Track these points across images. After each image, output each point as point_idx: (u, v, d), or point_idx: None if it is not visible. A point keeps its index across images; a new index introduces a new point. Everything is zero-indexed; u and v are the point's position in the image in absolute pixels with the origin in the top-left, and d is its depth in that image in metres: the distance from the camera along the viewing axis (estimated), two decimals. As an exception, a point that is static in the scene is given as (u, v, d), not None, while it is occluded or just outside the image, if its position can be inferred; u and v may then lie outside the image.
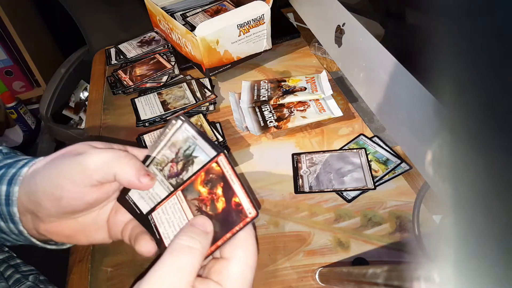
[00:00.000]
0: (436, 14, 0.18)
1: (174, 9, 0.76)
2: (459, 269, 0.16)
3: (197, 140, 0.28)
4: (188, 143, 0.29)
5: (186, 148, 0.29)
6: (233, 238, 0.27)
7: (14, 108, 1.39)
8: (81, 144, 0.30)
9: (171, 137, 0.29)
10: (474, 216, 0.15)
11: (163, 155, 0.30)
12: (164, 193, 0.30)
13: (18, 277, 0.45)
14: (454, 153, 0.16)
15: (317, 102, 0.59)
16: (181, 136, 0.29)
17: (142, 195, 0.30)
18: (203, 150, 0.28)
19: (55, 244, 0.34)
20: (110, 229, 0.33)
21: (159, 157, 0.30)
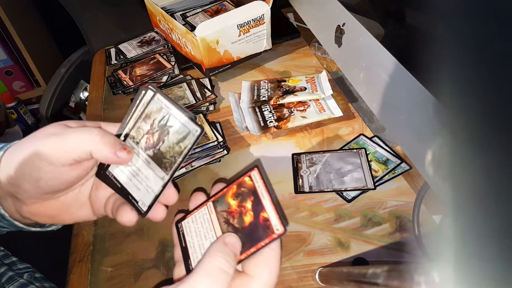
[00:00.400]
0: (436, 14, 0.18)
1: (174, 9, 0.76)
2: (459, 269, 0.16)
3: (171, 110, 0.28)
4: (162, 113, 0.29)
5: (161, 119, 0.29)
6: (259, 255, 0.26)
7: (14, 108, 1.39)
8: (54, 124, 0.30)
9: (145, 108, 0.29)
10: (474, 216, 0.15)
11: (138, 127, 0.30)
12: (142, 165, 0.30)
13: (11, 275, 0.45)
14: (454, 153, 0.16)
15: (317, 102, 0.59)
16: (155, 107, 0.29)
17: (121, 168, 0.31)
18: (177, 119, 0.28)
19: (40, 226, 0.34)
20: (93, 205, 0.33)
21: (135, 130, 0.30)
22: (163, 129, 0.29)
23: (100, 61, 0.78)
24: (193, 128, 0.27)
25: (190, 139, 0.28)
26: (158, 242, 0.46)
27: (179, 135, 0.28)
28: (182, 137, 0.28)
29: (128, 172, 0.30)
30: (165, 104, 0.29)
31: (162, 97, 0.29)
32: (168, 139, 0.28)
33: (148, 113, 0.29)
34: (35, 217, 0.31)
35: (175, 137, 0.28)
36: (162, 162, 0.29)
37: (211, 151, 0.53)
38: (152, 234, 0.47)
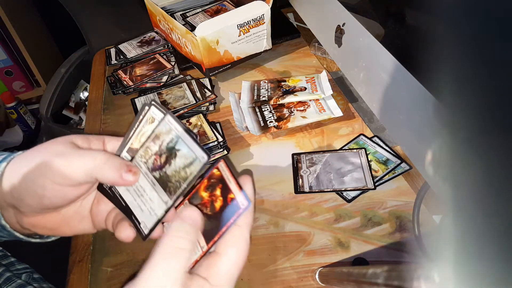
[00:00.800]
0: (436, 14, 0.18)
1: (174, 9, 0.76)
2: (459, 269, 0.16)
3: (180, 133, 0.28)
4: (171, 136, 0.29)
5: (169, 141, 0.29)
6: (227, 234, 0.27)
7: (14, 108, 1.39)
8: (60, 141, 0.30)
9: (155, 128, 0.29)
10: (474, 216, 0.15)
11: (147, 147, 0.30)
12: (147, 186, 0.30)
13: (9, 276, 0.45)
14: (454, 153, 0.16)
15: (317, 102, 0.59)
16: (164, 128, 0.29)
17: (127, 187, 0.31)
18: (186, 143, 0.28)
19: (39, 237, 0.34)
20: (94, 219, 0.33)
21: (144, 149, 0.30)
22: (170, 151, 0.29)
23: (100, 61, 0.78)
24: (200, 155, 0.27)
25: (196, 165, 0.28)
26: (158, 242, 0.46)
27: (186, 160, 0.28)
28: (188, 163, 0.28)
29: (133, 191, 0.30)
30: (175, 126, 0.29)
31: (172, 119, 0.29)
32: (175, 163, 0.28)
33: (157, 133, 0.29)
34: (36, 228, 0.32)
35: (182, 161, 0.28)
36: (167, 186, 0.29)
37: (211, 151, 0.53)
38: (152, 234, 0.47)
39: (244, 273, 0.43)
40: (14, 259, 0.50)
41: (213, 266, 0.26)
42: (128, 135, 0.31)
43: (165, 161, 0.29)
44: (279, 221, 0.47)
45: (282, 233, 0.46)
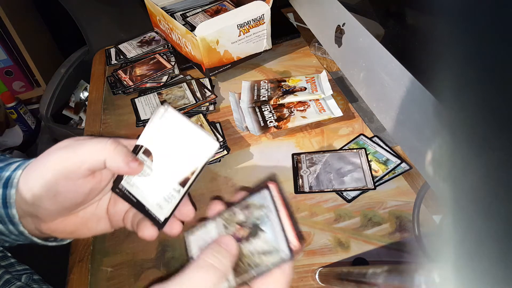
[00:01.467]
0: (436, 14, 0.18)
1: (174, 9, 0.76)
2: (459, 269, 0.16)
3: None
4: (261, 212, 0.28)
5: (257, 217, 0.28)
6: (269, 275, 0.27)
7: (14, 108, 1.39)
8: (67, 140, 0.30)
9: (248, 198, 0.29)
10: (473, 216, 0.15)
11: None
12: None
13: (8, 278, 0.45)
14: (454, 153, 0.16)
15: (317, 102, 0.59)
16: (258, 202, 0.28)
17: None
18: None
19: (54, 240, 0.35)
20: (111, 219, 0.34)
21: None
22: (254, 228, 0.28)
23: (100, 61, 0.78)
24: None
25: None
26: (158, 242, 0.46)
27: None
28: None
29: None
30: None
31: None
32: (254, 242, 0.28)
33: (250, 203, 0.29)
34: (55, 233, 0.32)
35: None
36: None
37: (211, 151, 0.53)
38: (152, 234, 0.47)
39: (244, 273, 0.43)
40: (14, 260, 0.50)
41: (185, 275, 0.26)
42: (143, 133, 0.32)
43: (247, 236, 0.28)
44: (279, 221, 0.47)
45: (282, 233, 0.46)
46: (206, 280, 0.25)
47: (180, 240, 0.46)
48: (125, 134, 0.60)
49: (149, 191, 0.31)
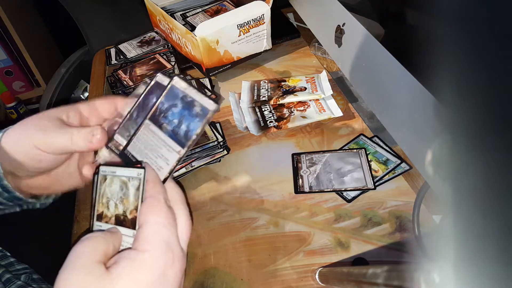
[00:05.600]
0: (436, 14, 0.18)
1: (174, 9, 0.76)
2: (459, 269, 0.16)
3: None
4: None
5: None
6: (143, 207, 0.28)
7: (14, 108, 1.39)
8: (47, 117, 0.34)
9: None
10: (474, 216, 0.15)
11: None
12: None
13: (9, 277, 0.45)
14: (454, 153, 0.16)
15: (317, 102, 0.59)
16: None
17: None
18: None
19: (35, 198, 0.38)
20: (80, 173, 0.37)
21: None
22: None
23: (100, 61, 0.78)
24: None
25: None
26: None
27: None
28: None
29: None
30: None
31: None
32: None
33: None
34: (32, 190, 0.36)
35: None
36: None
37: (211, 151, 0.53)
38: (152, 234, 0.47)
39: (244, 273, 0.43)
40: (13, 259, 0.50)
41: (137, 235, 0.27)
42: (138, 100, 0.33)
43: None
44: (279, 221, 0.47)
45: (282, 233, 0.46)
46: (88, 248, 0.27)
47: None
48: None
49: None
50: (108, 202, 0.31)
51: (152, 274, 0.26)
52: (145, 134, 0.32)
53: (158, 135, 0.31)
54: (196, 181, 0.53)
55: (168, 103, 0.31)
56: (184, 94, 0.30)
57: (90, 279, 0.25)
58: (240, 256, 0.44)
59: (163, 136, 0.31)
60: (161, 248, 0.26)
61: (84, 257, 0.26)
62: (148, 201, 0.28)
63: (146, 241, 0.27)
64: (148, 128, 0.32)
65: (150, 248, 0.26)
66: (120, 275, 0.25)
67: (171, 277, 0.27)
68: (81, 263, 0.26)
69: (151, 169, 0.30)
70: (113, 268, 0.26)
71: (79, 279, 0.25)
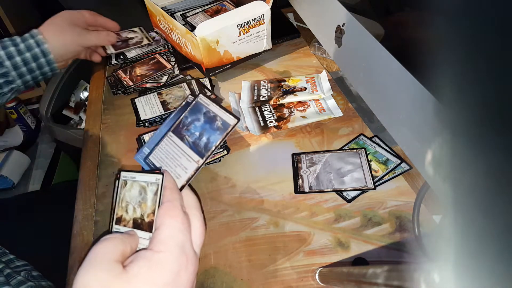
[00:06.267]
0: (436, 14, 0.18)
1: (174, 9, 0.76)
2: (459, 269, 0.16)
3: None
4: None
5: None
6: (160, 210, 0.30)
7: (14, 108, 1.38)
8: (73, 24, 0.61)
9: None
10: (474, 216, 0.15)
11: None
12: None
13: (9, 272, 0.46)
14: (454, 153, 0.16)
15: (317, 102, 0.59)
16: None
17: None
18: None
19: None
20: (90, 57, 0.69)
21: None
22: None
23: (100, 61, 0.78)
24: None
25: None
26: (158, 242, 0.46)
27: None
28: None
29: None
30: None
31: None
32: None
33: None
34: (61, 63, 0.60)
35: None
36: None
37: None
38: (152, 234, 0.47)
39: (244, 273, 0.43)
40: (13, 256, 0.51)
41: (154, 237, 0.29)
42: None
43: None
44: (279, 221, 0.47)
45: (282, 233, 0.46)
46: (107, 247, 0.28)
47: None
48: (125, 134, 0.60)
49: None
50: (127, 206, 0.32)
51: (167, 276, 0.27)
52: (167, 145, 0.34)
53: (179, 146, 0.33)
54: (196, 181, 0.53)
55: (191, 117, 0.33)
56: (207, 110, 0.33)
57: (108, 277, 0.26)
58: (240, 256, 0.44)
59: (184, 147, 0.33)
60: (176, 251, 0.27)
61: (102, 256, 0.27)
62: (166, 205, 0.29)
63: (162, 243, 0.28)
64: (170, 139, 0.34)
65: (165, 250, 0.27)
66: (136, 274, 0.26)
67: (184, 280, 0.27)
68: (100, 261, 0.27)
69: (169, 176, 0.32)
70: (130, 267, 0.27)
71: (98, 276, 0.26)
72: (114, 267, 0.26)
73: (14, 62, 0.55)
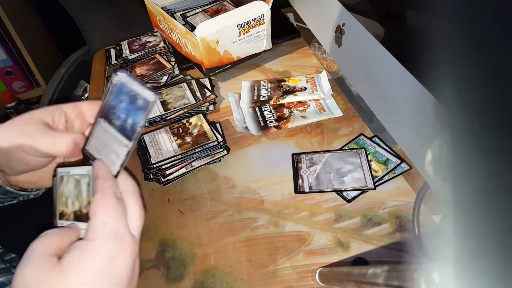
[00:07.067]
0: (436, 14, 0.18)
1: (174, 9, 0.76)
2: (459, 269, 0.16)
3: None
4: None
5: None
6: (93, 201, 0.29)
7: (14, 108, 1.39)
8: (32, 121, 0.36)
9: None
10: (474, 216, 0.15)
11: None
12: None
13: (14, 271, 0.46)
14: (454, 153, 0.16)
15: (317, 102, 0.59)
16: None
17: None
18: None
19: (24, 190, 0.41)
20: None
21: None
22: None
23: (100, 61, 0.78)
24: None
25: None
26: (158, 242, 0.46)
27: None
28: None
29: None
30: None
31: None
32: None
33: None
34: (21, 184, 0.39)
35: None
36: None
37: (211, 151, 0.53)
38: (152, 234, 0.47)
39: (244, 273, 0.43)
40: (14, 255, 0.51)
41: (87, 227, 0.29)
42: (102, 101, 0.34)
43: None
44: (279, 221, 0.47)
45: (282, 233, 0.46)
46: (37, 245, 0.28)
47: (181, 239, 0.46)
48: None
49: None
50: (66, 200, 0.32)
51: (100, 261, 0.27)
52: (99, 131, 0.33)
53: (109, 132, 0.32)
54: (196, 181, 0.53)
55: (115, 100, 0.31)
56: (128, 89, 0.31)
57: (42, 271, 0.26)
58: (240, 256, 0.44)
59: (113, 132, 0.32)
60: (109, 237, 0.28)
61: (36, 251, 0.28)
62: (97, 195, 0.30)
63: (94, 232, 0.28)
64: (100, 125, 0.33)
65: (97, 237, 0.28)
66: (69, 264, 0.27)
67: (121, 264, 0.28)
68: (34, 257, 0.27)
69: (102, 164, 0.31)
70: (63, 258, 0.27)
71: (32, 272, 0.27)
72: (48, 260, 0.27)
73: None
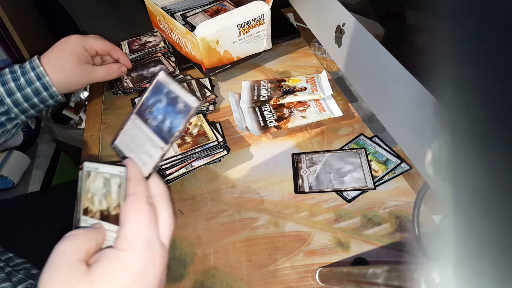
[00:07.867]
0: (436, 14, 0.18)
1: (174, 9, 0.76)
2: (459, 269, 0.16)
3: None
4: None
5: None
6: (125, 206, 0.28)
7: (14, 108, 1.38)
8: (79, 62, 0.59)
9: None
10: (474, 216, 0.15)
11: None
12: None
13: (10, 270, 0.46)
14: (454, 153, 0.16)
15: (317, 102, 0.59)
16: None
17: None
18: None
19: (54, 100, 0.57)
20: None
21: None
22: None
23: (100, 61, 0.78)
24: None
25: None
26: (158, 242, 0.46)
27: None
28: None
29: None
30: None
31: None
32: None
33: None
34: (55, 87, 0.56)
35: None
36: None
37: (211, 151, 0.53)
38: (152, 234, 0.47)
39: (244, 273, 0.43)
40: (12, 254, 0.51)
41: (119, 234, 0.28)
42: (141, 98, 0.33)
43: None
44: (279, 221, 0.47)
45: (282, 233, 0.46)
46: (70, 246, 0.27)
47: (181, 239, 0.46)
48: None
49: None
50: (93, 197, 0.31)
51: (131, 273, 0.26)
52: (132, 128, 0.32)
53: (143, 130, 0.31)
54: (196, 181, 0.53)
55: (153, 98, 0.31)
56: (169, 90, 0.30)
57: (71, 279, 0.25)
58: (240, 256, 0.44)
59: (148, 132, 0.31)
60: (141, 248, 0.27)
61: (66, 256, 0.26)
62: (130, 199, 0.28)
63: (126, 240, 0.27)
64: (134, 122, 0.32)
65: (129, 247, 0.27)
66: (100, 275, 0.26)
67: (151, 276, 0.27)
68: (63, 262, 0.26)
69: (134, 166, 0.30)
70: (93, 267, 0.26)
71: (61, 279, 0.25)
72: (77, 267, 0.26)
73: (15, 99, 0.52)
